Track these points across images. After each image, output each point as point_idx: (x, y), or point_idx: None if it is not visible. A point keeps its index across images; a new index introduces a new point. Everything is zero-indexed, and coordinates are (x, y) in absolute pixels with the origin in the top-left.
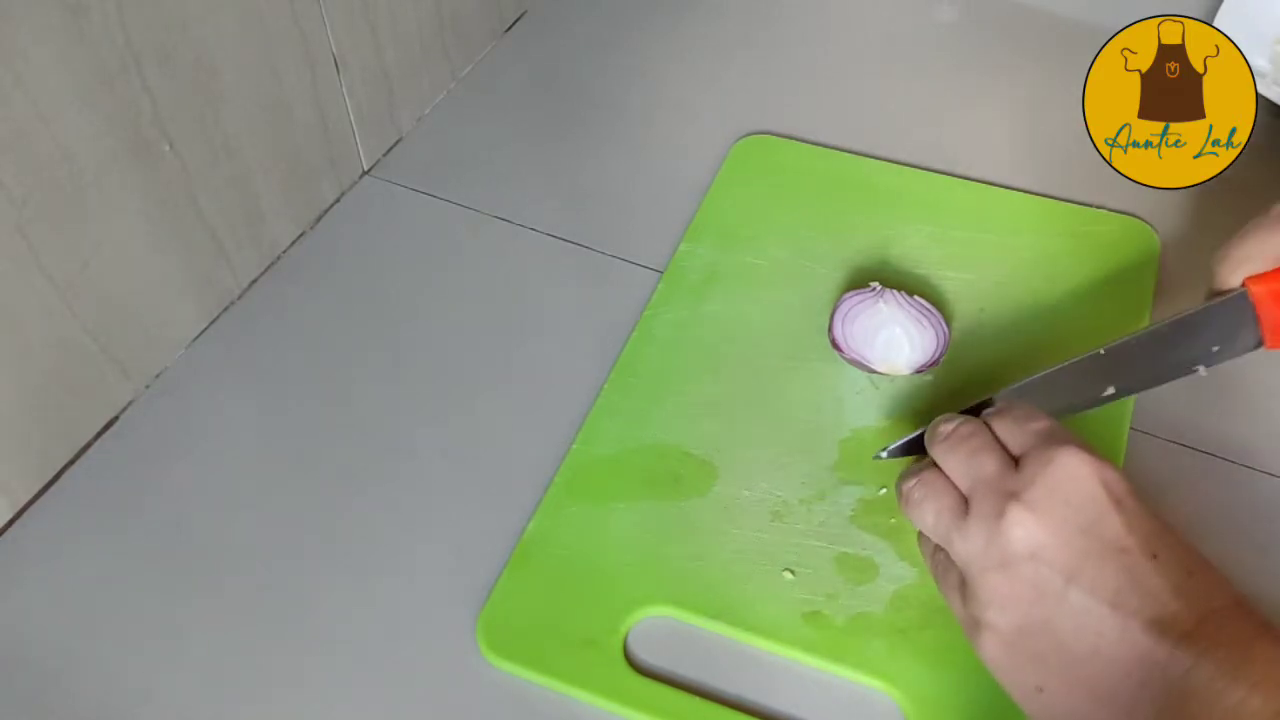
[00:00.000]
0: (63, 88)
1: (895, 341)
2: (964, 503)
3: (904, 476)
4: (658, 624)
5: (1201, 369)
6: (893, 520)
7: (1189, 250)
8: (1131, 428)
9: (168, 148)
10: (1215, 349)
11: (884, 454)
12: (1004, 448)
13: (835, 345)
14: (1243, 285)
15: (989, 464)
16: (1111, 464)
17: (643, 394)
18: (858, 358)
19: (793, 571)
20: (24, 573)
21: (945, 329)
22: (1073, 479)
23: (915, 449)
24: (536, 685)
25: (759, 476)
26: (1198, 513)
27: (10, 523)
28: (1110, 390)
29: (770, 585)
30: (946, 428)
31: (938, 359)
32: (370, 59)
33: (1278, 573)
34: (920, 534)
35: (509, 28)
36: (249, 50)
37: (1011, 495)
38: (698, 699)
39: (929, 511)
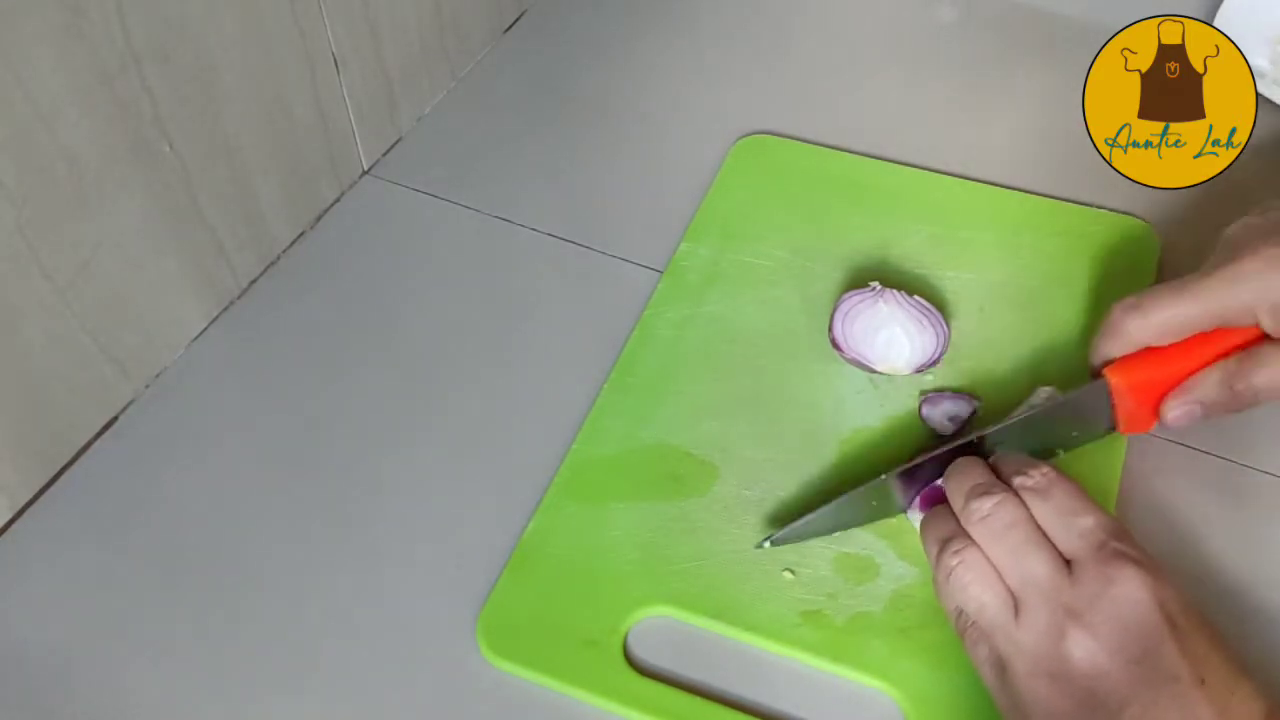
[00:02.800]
0: (63, 88)
1: (895, 341)
2: (1011, 596)
3: (945, 546)
4: (658, 624)
5: (1061, 453)
6: (893, 520)
7: (1189, 250)
8: None
9: (168, 148)
10: (1075, 434)
11: (768, 544)
12: (1048, 537)
13: (835, 345)
14: (1102, 374)
15: (1039, 566)
16: (1165, 576)
17: (643, 394)
18: (858, 358)
19: (793, 571)
20: (24, 573)
21: (945, 329)
22: (1133, 604)
23: (811, 531)
24: (536, 685)
25: (759, 476)
26: (1198, 513)
27: (10, 523)
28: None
29: (770, 585)
30: (983, 506)
31: (938, 359)
32: (370, 59)
33: (1277, 573)
34: (940, 587)
35: (509, 28)
36: (249, 50)
37: (1070, 613)
38: (698, 699)
39: (973, 598)
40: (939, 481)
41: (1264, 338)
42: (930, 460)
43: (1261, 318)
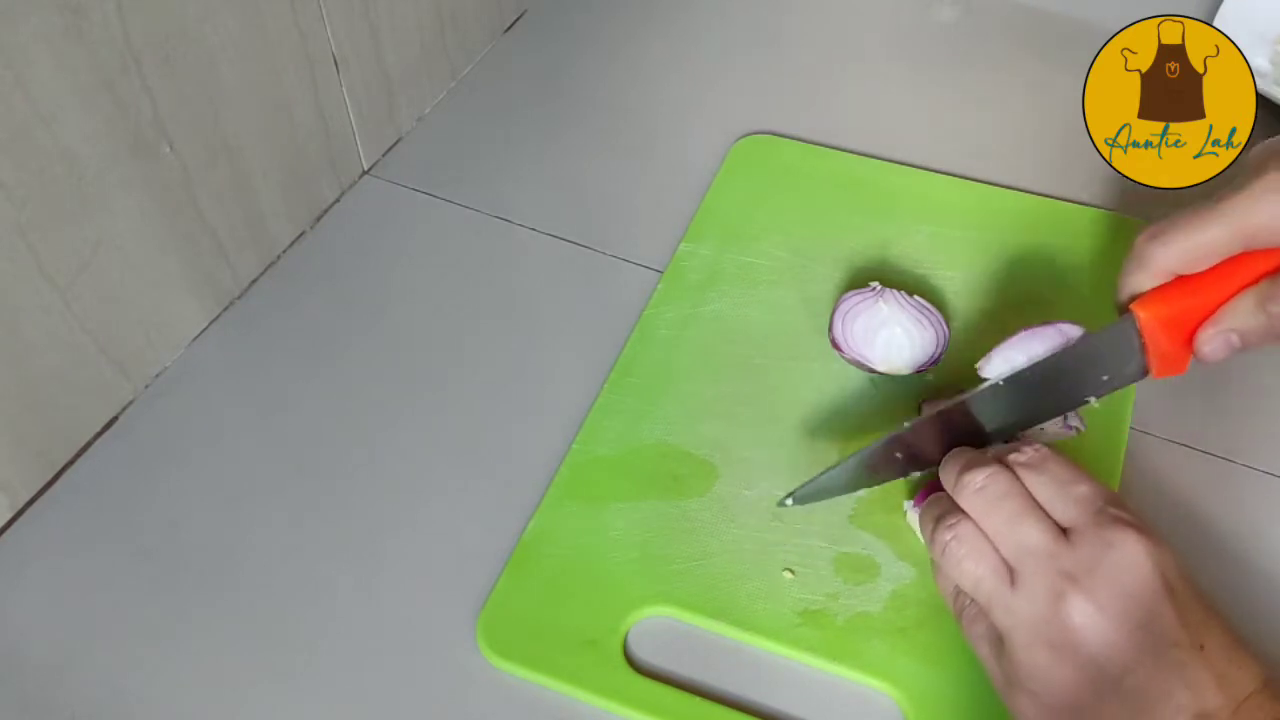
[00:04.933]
0: (63, 88)
1: (895, 341)
2: (1006, 567)
3: (939, 522)
4: (658, 624)
5: (1093, 400)
6: (893, 520)
7: None
8: (1131, 427)
9: (168, 148)
10: (1105, 378)
11: (790, 501)
12: (1042, 508)
13: (835, 345)
14: (1129, 309)
15: (1034, 535)
16: (1163, 542)
17: (643, 394)
18: (858, 358)
19: (793, 571)
20: (24, 573)
21: (945, 329)
22: (1132, 568)
23: (827, 492)
24: (536, 685)
25: (759, 476)
26: (1198, 513)
27: (10, 523)
28: (1006, 421)
29: (770, 585)
30: (975, 478)
31: (938, 358)
32: (370, 59)
33: (1276, 572)
34: (937, 567)
35: (509, 28)
36: (249, 50)
37: (1069, 578)
38: (698, 699)
39: (968, 573)
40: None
41: None
42: (945, 413)
43: None
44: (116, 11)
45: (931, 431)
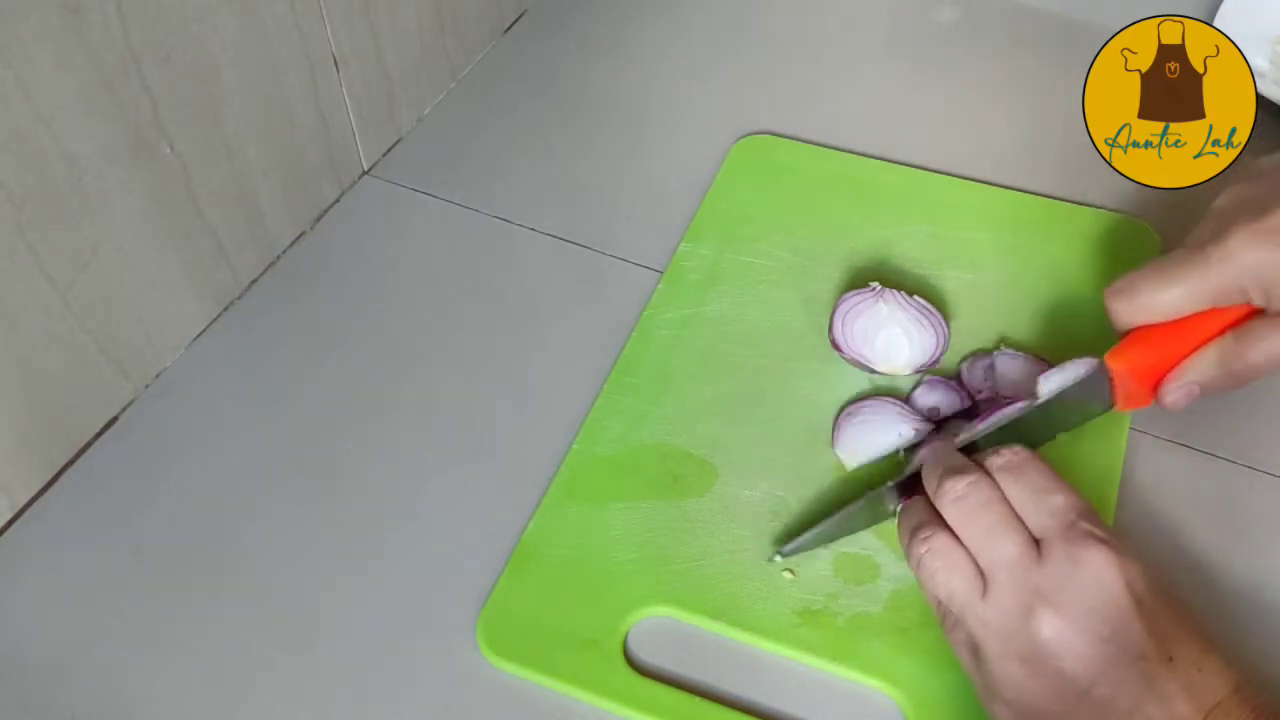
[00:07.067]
0: (63, 88)
1: (895, 341)
2: (980, 577)
3: (914, 535)
4: (658, 624)
5: (1061, 435)
6: (893, 521)
7: None
8: (1131, 428)
9: (168, 148)
10: (1075, 418)
11: (779, 557)
12: (1019, 516)
13: (835, 345)
14: (1102, 361)
15: (1010, 547)
16: (1133, 556)
17: (643, 394)
18: (858, 358)
19: (792, 571)
20: (24, 573)
21: (945, 329)
22: (1101, 585)
23: (814, 546)
24: (536, 685)
25: (759, 476)
26: (1198, 513)
27: (10, 523)
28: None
29: (770, 585)
30: (956, 487)
31: (938, 359)
32: (370, 59)
33: (1275, 572)
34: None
35: (509, 28)
36: (249, 50)
37: (1038, 594)
38: (698, 699)
39: (941, 584)
40: None
41: (1256, 312)
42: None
43: (1253, 295)
44: (116, 11)
45: (910, 483)
